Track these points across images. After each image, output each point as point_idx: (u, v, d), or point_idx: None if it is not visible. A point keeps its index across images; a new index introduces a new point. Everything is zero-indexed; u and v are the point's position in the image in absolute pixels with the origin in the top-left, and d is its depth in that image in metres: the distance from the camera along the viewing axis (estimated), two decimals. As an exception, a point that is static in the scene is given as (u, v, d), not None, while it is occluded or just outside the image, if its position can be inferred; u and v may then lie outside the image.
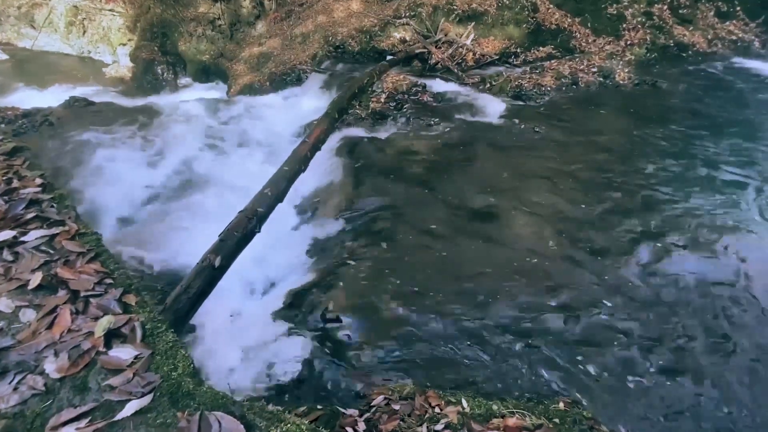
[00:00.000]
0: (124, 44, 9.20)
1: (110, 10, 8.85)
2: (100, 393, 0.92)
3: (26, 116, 5.64)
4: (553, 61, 6.89)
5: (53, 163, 4.59)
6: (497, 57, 7.14)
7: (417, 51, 6.67)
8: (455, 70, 6.59)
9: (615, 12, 7.60)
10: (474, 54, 7.08)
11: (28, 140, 4.18)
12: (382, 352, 2.65)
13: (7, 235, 1.34)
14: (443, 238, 3.51)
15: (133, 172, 4.94)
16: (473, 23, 7.16)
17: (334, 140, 5.05)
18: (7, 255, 1.27)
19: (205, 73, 8.87)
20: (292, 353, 2.69)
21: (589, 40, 7.37)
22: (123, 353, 1.01)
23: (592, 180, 4.21)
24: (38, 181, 1.68)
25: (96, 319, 1.10)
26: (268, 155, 5.70)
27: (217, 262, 2.73)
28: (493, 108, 5.71)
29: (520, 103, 5.88)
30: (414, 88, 5.65)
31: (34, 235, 1.35)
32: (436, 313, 2.87)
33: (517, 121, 5.26)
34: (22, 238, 1.34)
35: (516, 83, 6.11)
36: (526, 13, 7.30)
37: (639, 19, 7.65)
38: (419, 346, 2.71)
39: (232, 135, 6.10)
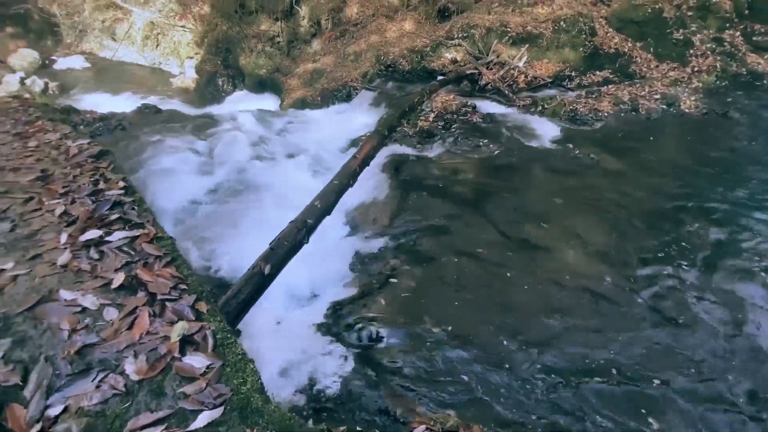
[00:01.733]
0: (191, 57, 9.95)
1: (182, 26, 9.62)
2: (175, 400, 0.94)
3: (102, 120, 6.18)
4: (610, 86, 6.63)
5: (122, 164, 4.97)
6: (550, 80, 6.98)
7: (468, 72, 6.66)
8: (506, 92, 6.50)
9: (681, 37, 7.23)
10: (526, 76, 6.96)
11: (102, 142, 4.57)
12: (424, 378, 2.57)
13: (94, 234, 1.43)
14: (490, 264, 3.39)
15: (190, 176, 5.23)
16: (527, 45, 7.07)
17: (380, 156, 5.09)
18: (93, 253, 1.36)
19: (261, 87, 9.35)
20: (332, 368, 2.67)
21: (651, 66, 7.03)
22: (196, 361, 1.02)
23: (653, 215, 3.92)
24: (121, 183, 1.80)
25: (171, 323, 1.13)
26: (316, 167, 5.86)
27: (266, 270, 2.78)
28: (545, 131, 5.55)
29: (575, 127, 5.67)
30: (463, 109, 5.62)
31: (117, 236, 1.43)
32: (482, 344, 2.76)
33: (571, 146, 5.07)
34: (107, 238, 1.43)
35: (570, 107, 5.91)
36: (584, 36, 7.11)
37: (708, 45, 7.22)
38: (462, 377, 2.60)
39: (283, 146, 6.34)
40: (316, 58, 8.78)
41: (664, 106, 6.05)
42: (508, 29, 7.15)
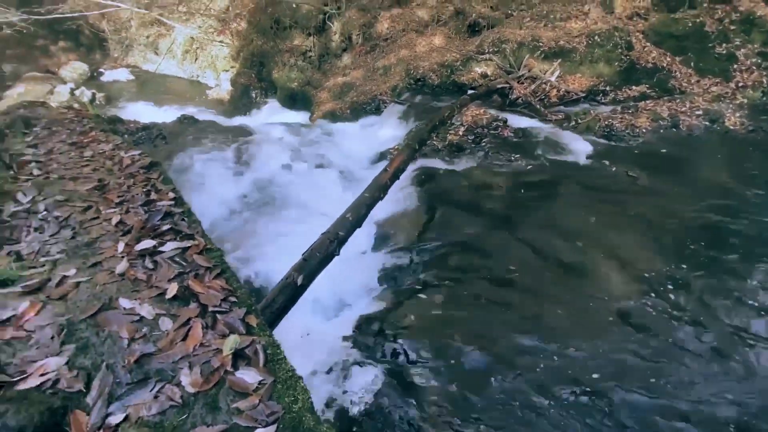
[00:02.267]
0: (227, 70, 10.37)
1: (220, 42, 10.07)
2: (229, 415, 0.95)
3: (145, 129, 6.50)
4: (648, 101, 6.42)
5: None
6: (584, 94, 6.84)
7: (498, 86, 6.62)
8: (538, 106, 6.41)
9: (724, 51, 6.94)
10: (558, 90, 6.85)
11: (143, 150, 4.80)
12: (455, 398, 2.50)
13: (148, 244, 1.49)
14: (523, 284, 3.30)
15: (224, 184, 5.41)
16: (559, 60, 6.98)
17: (409, 169, 5.10)
18: (148, 263, 1.40)
19: (292, 99, 9.61)
20: (361, 383, 2.64)
21: (692, 81, 6.78)
22: (248, 376, 1.03)
23: (697, 238, 3.72)
24: (171, 194, 1.87)
25: (223, 336, 1.15)
26: (344, 178, 5.93)
27: (299, 281, 2.80)
28: (579, 147, 5.41)
29: (611, 143, 5.51)
30: (494, 123, 5.57)
31: (169, 246, 1.48)
32: (513, 366, 2.67)
33: (607, 162, 4.91)
34: (160, 248, 1.48)
35: (606, 122, 5.76)
36: (619, 50, 6.95)
37: (753, 59, 6.90)
38: (493, 399, 2.52)
39: (312, 157, 6.46)
40: (346, 71, 8.96)
41: (707, 123, 5.80)
42: (540, 44, 7.09)
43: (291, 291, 2.74)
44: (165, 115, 9.22)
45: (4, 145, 3.15)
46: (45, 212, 1.66)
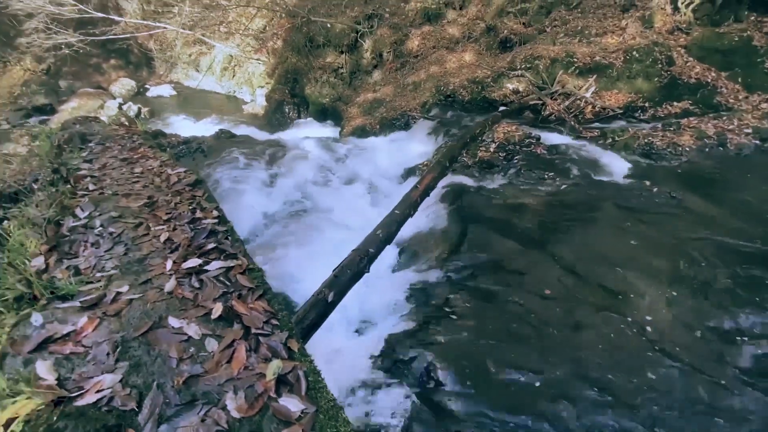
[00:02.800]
0: (262, 87, 10.79)
1: (257, 59, 10.52)
2: (273, 444, 0.94)
3: (185, 143, 6.83)
4: (691, 119, 6.13)
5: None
6: (621, 111, 6.63)
7: (531, 102, 6.53)
8: (572, 123, 6.26)
9: (776, 66, 6.57)
10: (594, 107, 6.67)
11: (183, 163, 5.02)
12: (485, 426, 2.41)
13: (194, 262, 1.54)
14: (558, 308, 3.17)
15: (257, 198, 5.57)
16: (595, 76, 6.81)
17: (438, 185, 5.08)
18: (194, 281, 1.45)
19: (323, 114, 9.86)
20: (390, 405, 2.60)
21: (740, 97, 6.43)
22: (291, 404, 1.03)
23: (748, 265, 3.47)
24: (215, 213, 1.94)
25: (266, 360, 1.16)
26: (373, 193, 5.98)
27: (330, 297, 2.81)
28: (616, 165, 5.22)
29: (651, 162, 5.28)
30: (527, 140, 5.47)
31: (214, 266, 1.53)
32: (549, 397, 2.55)
33: (648, 183, 4.70)
34: (205, 267, 1.52)
35: (645, 140, 5.54)
36: (659, 66, 6.71)
37: (809, 74, 6.48)
38: (526, 429, 2.41)
39: (342, 172, 6.57)
40: (376, 88, 9.12)
41: (758, 141, 5.46)
42: (575, 60, 6.96)
43: (322, 307, 2.75)
44: (203, 128, 9.68)
45: (62, 159, 3.40)
46: (100, 228, 1.76)
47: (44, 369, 1.06)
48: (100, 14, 10.20)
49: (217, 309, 1.32)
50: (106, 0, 13.54)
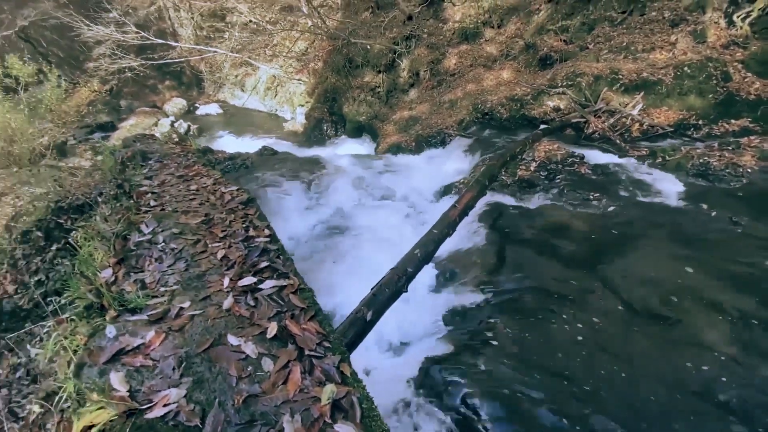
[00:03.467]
0: (302, 105, 11.23)
1: (298, 79, 11.00)
2: (330, 473, 0.94)
3: (230, 159, 7.19)
4: (752, 137, 5.71)
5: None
6: (671, 129, 6.30)
7: (573, 120, 6.35)
8: (618, 141, 6.02)
9: None
10: (641, 124, 6.39)
11: (228, 178, 5.28)
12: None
13: (249, 280, 1.59)
14: (608, 340, 2.98)
15: (296, 213, 5.73)
16: (642, 92, 6.54)
17: (477, 204, 5.01)
18: (249, 299, 1.50)
19: (359, 131, 10.08)
20: (426, 429, 2.53)
21: (809, 114, 5.93)
22: (346, 432, 1.03)
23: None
24: (267, 231, 2.01)
25: (320, 383, 1.17)
26: (409, 210, 5.98)
27: (368, 316, 2.79)
28: (667, 187, 4.93)
29: (707, 184, 4.94)
30: (569, 159, 5.30)
31: (268, 284, 1.58)
32: (603, 433, 2.38)
33: (704, 206, 4.39)
34: (259, 286, 1.57)
35: (700, 160, 5.20)
36: (714, 82, 6.35)
37: None
38: (576, 470, 2.25)
39: (378, 188, 6.64)
40: (412, 105, 9.23)
41: (832, 163, 4.98)
42: (620, 76, 6.73)
43: (360, 326, 2.74)
44: (246, 144, 10.16)
45: (125, 175, 3.67)
46: (163, 243, 1.87)
47: (117, 380, 1.13)
48: (159, 40, 11.11)
49: (272, 328, 1.35)
50: (165, 27, 14.75)
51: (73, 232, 3.93)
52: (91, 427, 1.07)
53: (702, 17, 7.23)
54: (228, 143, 10.09)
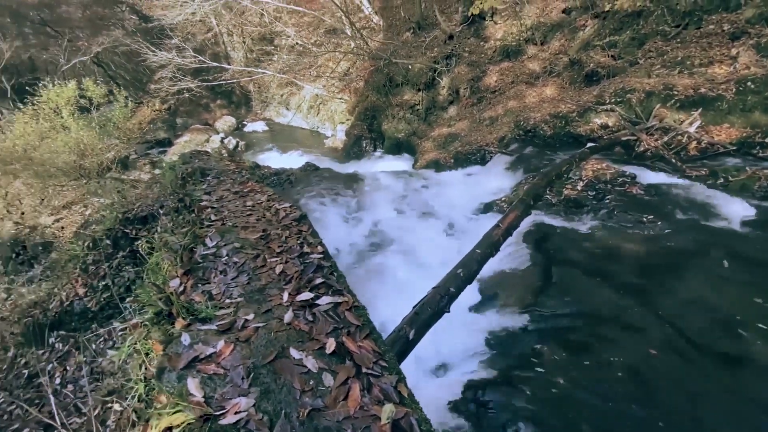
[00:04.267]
0: (343, 123, 11.61)
1: (340, 98, 11.41)
2: (394, 493, 0.96)
3: (276, 174, 7.54)
4: (831, 157, 5.21)
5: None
6: (734, 147, 5.87)
7: (622, 138, 6.10)
8: (673, 160, 5.69)
9: None
10: (699, 143, 6.01)
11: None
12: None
13: (306, 295, 1.67)
14: (666, 373, 2.79)
15: (336, 228, 5.86)
16: (700, 109, 6.18)
17: (521, 224, 4.90)
18: (308, 315, 1.57)
19: (397, 148, 10.23)
20: (470, 457, 2.46)
21: None
22: (408, 453, 1.05)
23: None
24: (320, 248, 2.09)
25: (379, 402, 1.20)
26: (448, 228, 5.95)
27: (411, 335, 2.80)
28: (731, 209, 4.58)
29: (778, 207, 4.54)
30: (620, 178, 5.08)
31: (324, 300, 1.64)
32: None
33: (776, 232, 4.04)
34: (316, 302, 1.64)
35: (769, 182, 4.81)
36: (783, 97, 5.88)
37: None
38: None
39: (416, 205, 6.67)
40: (451, 123, 9.27)
41: None
42: (674, 92, 6.41)
43: (403, 344, 2.75)
44: (289, 160, 10.61)
45: (186, 190, 3.97)
46: (226, 257, 2.00)
47: (194, 386, 1.22)
48: (214, 63, 11.99)
49: (330, 344, 1.40)
50: (219, 50, 15.90)
51: (137, 241, 4.28)
52: (170, 428, 1.16)
53: (765, 29, 6.77)
54: (272, 159, 10.58)
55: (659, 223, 4.36)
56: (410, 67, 9.64)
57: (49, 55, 14.41)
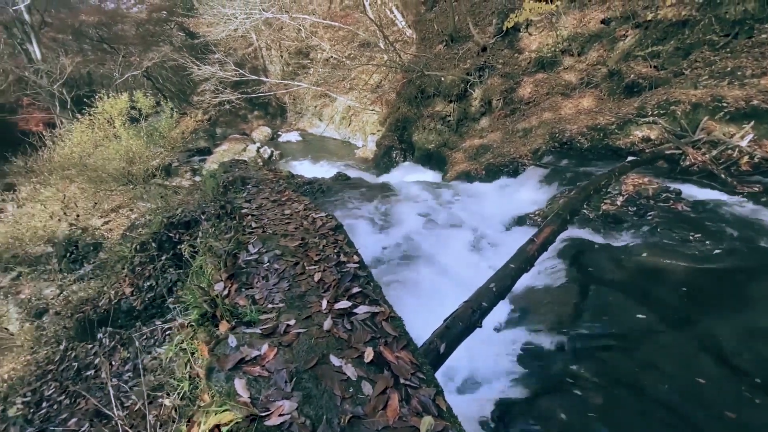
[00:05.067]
0: (374, 133, 11.79)
1: (372, 110, 11.62)
2: (435, 507, 0.96)
3: (308, 183, 7.74)
4: None
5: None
6: (792, 163, 5.48)
7: (666, 151, 5.84)
8: (722, 176, 5.38)
9: None
10: (752, 157, 5.65)
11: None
12: None
13: (344, 304, 1.71)
14: (716, 407, 2.60)
15: (367, 236, 5.91)
16: (752, 122, 5.83)
17: (557, 239, 4.76)
18: (346, 323, 1.61)
19: (427, 159, 10.25)
20: (502, 479, 2.39)
21: None
22: (448, 467, 1.05)
23: None
24: (356, 258, 2.14)
25: (417, 414, 1.21)
26: (478, 240, 5.86)
27: (442, 349, 2.77)
28: (791, 230, 4.25)
29: None
30: (663, 194, 4.85)
31: (362, 310, 1.68)
32: None
33: (844, 256, 3.71)
34: (354, 310, 1.68)
35: (835, 201, 4.43)
36: None
37: None
38: None
39: (446, 216, 6.63)
40: (483, 134, 9.19)
41: None
42: (724, 104, 6.08)
43: (433, 359, 2.72)
44: (321, 170, 10.87)
45: (227, 197, 4.16)
46: (268, 263, 2.09)
47: (241, 387, 1.28)
48: (253, 76, 12.57)
49: (369, 354, 1.43)
50: (257, 64, 16.66)
51: (180, 245, 4.51)
52: (218, 426, 1.22)
53: (830, 37, 6.33)
54: (305, 168, 10.88)
55: (708, 242, 4.11)
56: (442, 78, 9.69)
57: (106, 69, 15.63)
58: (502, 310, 4.14)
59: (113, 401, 1.97)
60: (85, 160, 9.81)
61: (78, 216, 9.35)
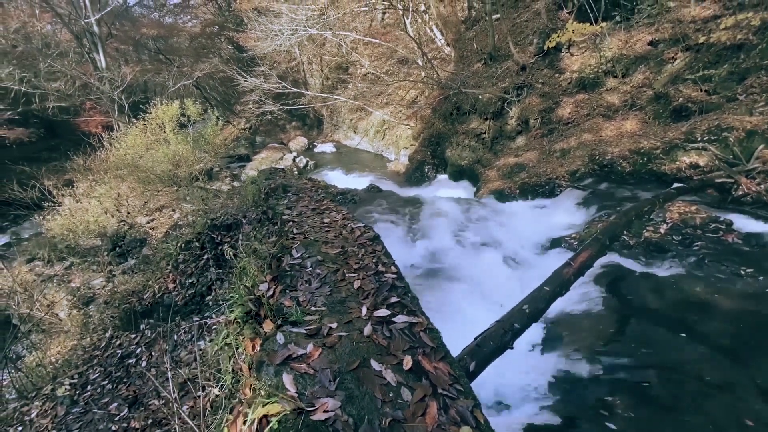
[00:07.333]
0: (407, 148, 11.93)
1: (406, 124, 11.80)
2: None
3: (342, 194, 7.93)
4: None
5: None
6: None
7: (716, 180, 5.56)
8: (779, 209, 5.04)
9: None
10: (814, 190, 5.27)
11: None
12: None
13: (383, 312, 1.77)
14: (771, 450, 2.42)
15: (398, 248, 5.95)
16: (815, 152, 5.46)
17: (595, 264, 4.62)
18: (385, 330, 1.67)
19: (460, 175, 10.24)
20: (530, 507, 2.33)
21: None
22: (486, 478, 1.07)
23: None
24: (393, 269, 2.20)
25: (455, 423, 1.24)
26: (511, 260, 5.78)
27: (471, 367, 2.76)
28: None
29: None
30: (712, 224, 4.61)
31: (400, 319, 1.73)
32: None
33: None
34: (393, 319, 1.74)
35: None
36: None
37: None
38: None
39: (478, 233, 6.58)
40: (519, 153, 9.09)
41: None
42: (783, 132, 5.73)
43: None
44: (353, 181, 11.10)
45: (269, 203, 4.37)
46: (310, 268, 2.19)
47: (288, 381, 1.37)
48: (294, 89, 13.13)
49: (407, 362, 1.48)
50: (299, 77, 17.37)
51: (221, 246, 4.75)
52: (266, 416, 1.30)
53: None
54: (338, 178, 11.15)
55: (761, 278, 3.86)
56: (479, 96, 9.73)
57: (160, 78, 16.81)
58: (534, 333, 4.05)
59: (171, 385, 2.11)
60: (137, 161, 10.53)
61: (128, 213, 10.00)
